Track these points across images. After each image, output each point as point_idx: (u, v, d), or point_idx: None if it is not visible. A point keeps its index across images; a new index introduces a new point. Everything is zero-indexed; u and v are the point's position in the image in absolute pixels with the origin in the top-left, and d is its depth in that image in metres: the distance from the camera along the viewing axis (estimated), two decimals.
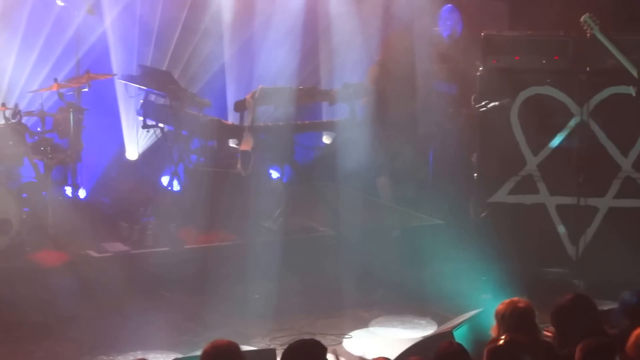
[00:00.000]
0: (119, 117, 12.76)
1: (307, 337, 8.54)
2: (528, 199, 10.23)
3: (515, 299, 6.45)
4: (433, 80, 12.82)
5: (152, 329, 9.22)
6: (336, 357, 7.85)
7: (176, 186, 11.74)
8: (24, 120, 11.15)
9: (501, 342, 6.16)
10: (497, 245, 10.15)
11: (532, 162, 10.19)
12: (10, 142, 10.70)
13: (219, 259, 10.37)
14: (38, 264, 10.03)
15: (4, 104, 11.24)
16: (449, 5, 12.59)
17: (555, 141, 10.15)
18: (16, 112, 11.05)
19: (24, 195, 10.76)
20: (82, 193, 11.54)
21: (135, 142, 12.72)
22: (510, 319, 6.32)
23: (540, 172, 10.19)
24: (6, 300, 9.55)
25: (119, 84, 12.54)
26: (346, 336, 9.27)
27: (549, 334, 6.84)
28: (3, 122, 11.01)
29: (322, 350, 5.84)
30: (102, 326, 9.36)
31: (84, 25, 12.25)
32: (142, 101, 12.12)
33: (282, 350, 5.95)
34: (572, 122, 10.09)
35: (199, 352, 5.95)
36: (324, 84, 12.86)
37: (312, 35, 13.27)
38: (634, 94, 9.63)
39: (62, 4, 11.84)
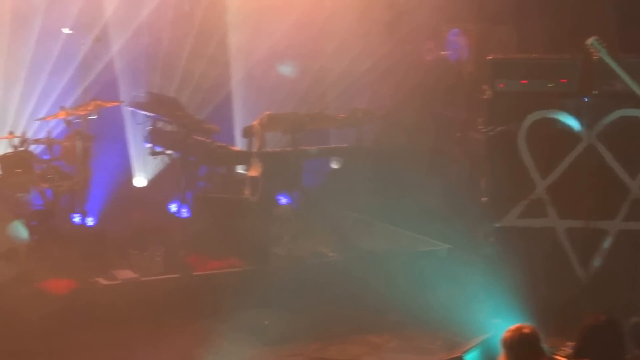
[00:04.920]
0: (127, 144, 12.79)
1: None
2: (537, 223, 10.19)
3: (520, 325, 6.39)
4: (441, 104, 12.84)
5: (161, 356, 9.19)
6: None
7: (185, 213, 11.73)
8: (32, 148, 11.19)
9: None
10: (506, 269, 10.09)
11: (541, 186, 10.16)
12: (19, 170, 10.72)
13: (228, 285, 10.34)
14: (46, 292, 10.00)
15: (11, 132, 11.28)
16: (456, 29, 12.61)
17: (564, 164, 10.12)
18: (24, 140, 11.08)
19: (33, 222, 10.76)
20: (90, 220, 11.54)
21: (144, 169, 12.74)
22: (517, 346, 6.27)
23: (549, 195, 10.15)
24: (13, 328, 9.50)
25: (127, 111, 12.57)
26: None
27: (561, 359, 6.80)
28: (11, 150, 11.04)
29: None
30: (111, 354, 9.32)
31: (91, 53, 12.31)
32: (149, 128, 12.14)
33: None
34: (580, 146, 10.07)
35: None
36: (331, 110, 12.86)
37: (319, 60, 13.29)
38: None
39: (69, 32, 11.89)
